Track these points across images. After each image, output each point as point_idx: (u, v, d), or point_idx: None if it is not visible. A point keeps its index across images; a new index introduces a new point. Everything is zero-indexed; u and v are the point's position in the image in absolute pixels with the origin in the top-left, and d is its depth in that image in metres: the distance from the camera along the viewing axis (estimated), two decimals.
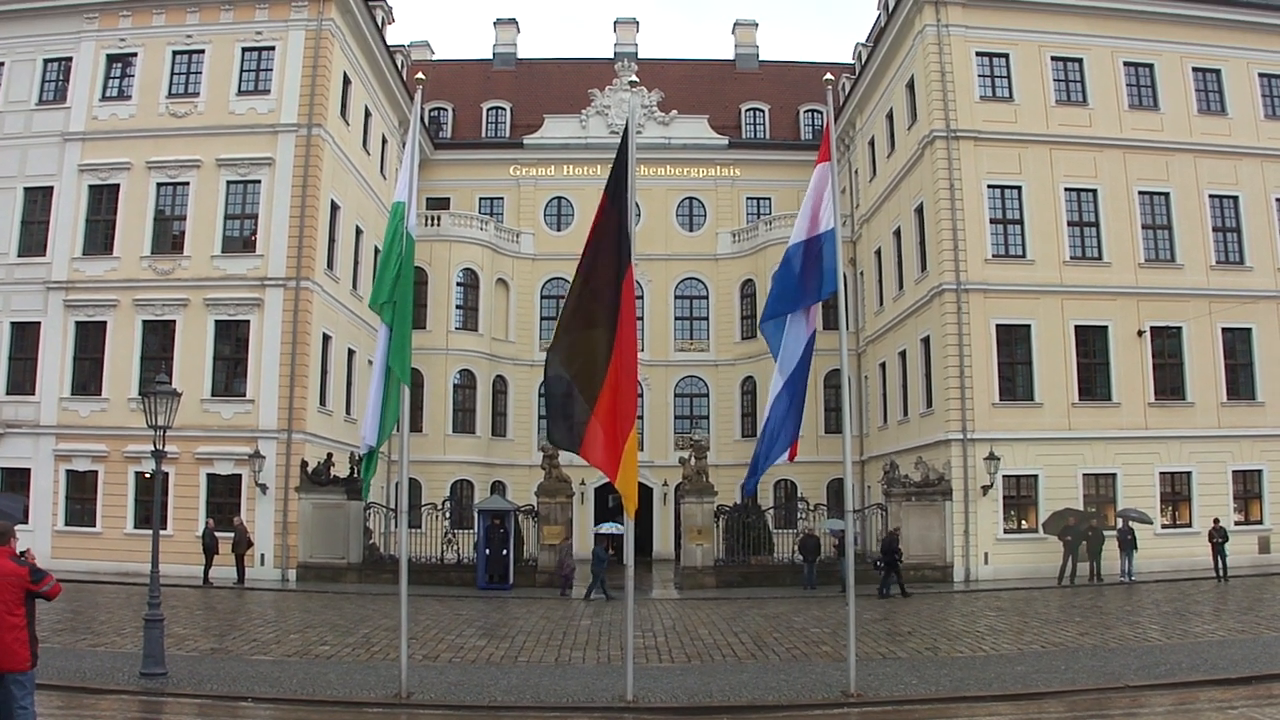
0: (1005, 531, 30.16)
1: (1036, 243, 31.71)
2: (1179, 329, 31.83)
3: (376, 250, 37.46)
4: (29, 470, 30.79)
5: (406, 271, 13.26)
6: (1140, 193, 32.39)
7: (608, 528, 28.19)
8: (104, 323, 31.32)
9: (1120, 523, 29.00)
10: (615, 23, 53.14)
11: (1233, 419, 31.62)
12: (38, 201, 32.27)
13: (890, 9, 36.83)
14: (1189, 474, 31.21)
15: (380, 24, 38.81)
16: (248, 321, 31.15)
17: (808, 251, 13.23)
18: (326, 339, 33.29)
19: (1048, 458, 30.53)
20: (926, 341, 33.26)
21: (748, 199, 47.28)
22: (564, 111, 47.49)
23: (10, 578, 8.31)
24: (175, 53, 32.77)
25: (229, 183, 31.86)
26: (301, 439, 30.62)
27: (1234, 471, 31.41)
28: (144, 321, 31.30)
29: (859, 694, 12.53)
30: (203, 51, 32.68)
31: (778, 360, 13.24)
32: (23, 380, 31.58)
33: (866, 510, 33.07)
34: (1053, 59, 32.86)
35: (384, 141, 40.65)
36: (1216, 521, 28.54)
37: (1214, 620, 19.79)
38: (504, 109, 48.42)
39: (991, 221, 31.83)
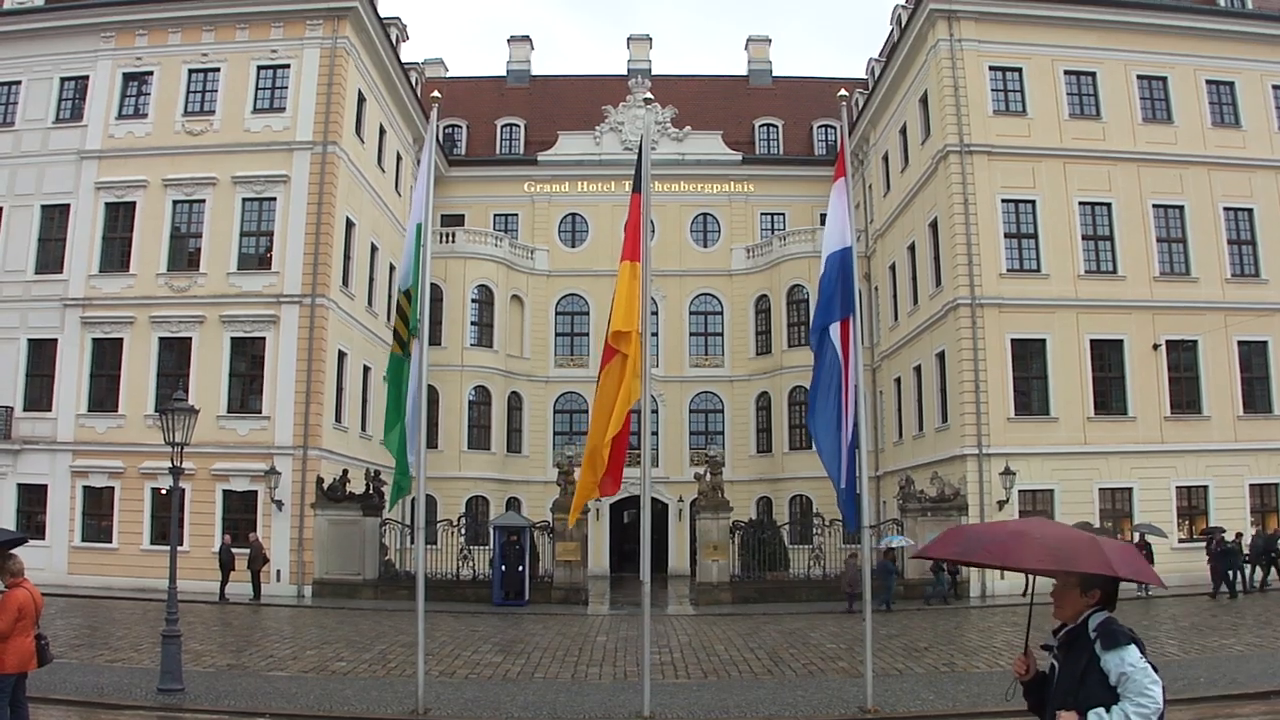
0: None
1: (1051, 257, 31.65)
2: (1194, 342, 31.69)
3: (392, 267, 37.61)
4: (46, 486, 30.94)
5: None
6: (1154, 206, 32.31)
7: (897, 541, 28.32)
8: (120, 339, 31.48)
9: (1136, 537, 28.83)
10: (628, 39, 53.28)
11: (1249, 432, 31.45)
12: (54, 219, 32.51)
13: (903, 24, 36.91)
14: (1206, 488, 31.04)
15: (394, 42, 39.01)
16: (263, 338, 31.27)
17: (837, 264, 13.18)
18: (342, 355, 33.35)
19: (1064, 472, 30.42)
20: (941, 356, 33.19)
21: (762, 214, 47.28)
22: (578, 128, 47.59)
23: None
24: (191, 71, 32.99)
25: (245, 200, 32.03)
26: (317, 455, 30.68)
27: (1251, 485, 31.21)
28: (160, 338, 31.45)
29: (876, 709, 12.50)
30: (218, 70, 32.89)
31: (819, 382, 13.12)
32: (40, 397, 31.74)
33: (882, 525, 32.94)
34: (1066, 73, 32.84)
35: (399, 159, 40.83)
36: (1239, 536, 28.37)
37: (1232, 634, 19.65)
38: (518, 126, 48.58)
39: (1006, 236, 31.80)
